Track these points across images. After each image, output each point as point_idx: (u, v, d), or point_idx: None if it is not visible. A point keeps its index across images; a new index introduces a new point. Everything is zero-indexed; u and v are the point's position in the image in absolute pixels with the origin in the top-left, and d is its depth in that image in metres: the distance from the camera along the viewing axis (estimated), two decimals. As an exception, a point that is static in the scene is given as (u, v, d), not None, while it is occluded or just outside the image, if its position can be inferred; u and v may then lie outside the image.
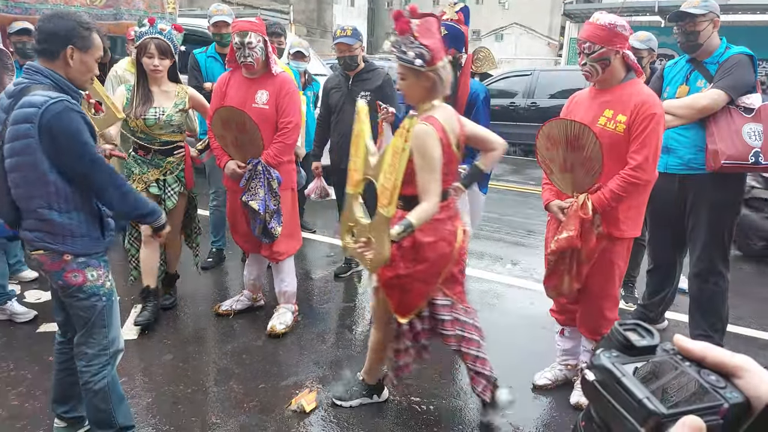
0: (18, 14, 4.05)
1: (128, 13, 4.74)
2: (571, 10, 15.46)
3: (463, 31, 3.02)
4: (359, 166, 1.96)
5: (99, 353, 2.09)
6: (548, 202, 2.56)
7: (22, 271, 3.87)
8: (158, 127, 3.14)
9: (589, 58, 2.35)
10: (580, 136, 2.26)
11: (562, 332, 2.81)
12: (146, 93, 3.14)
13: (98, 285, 2.04)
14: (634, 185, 2.32)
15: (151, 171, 3.22)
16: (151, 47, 3.04)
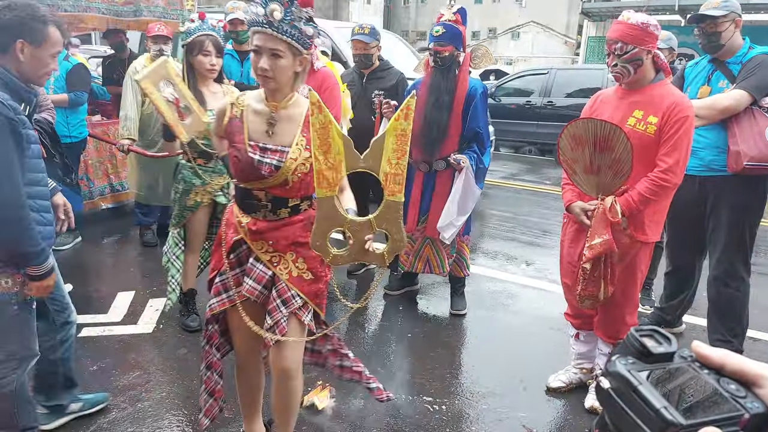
0: (40, 10, 4.09)
1: (147, 10, 4.77)
2: (590, 8, 15.34)
3: (461, 31, 3.11)
4: (336, 161, 1.67)
5: (7, 358, 2.00)
6: (570, 203, 2.51)
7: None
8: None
9: (620, 59, 2.30)
10: (610, 137, 2.21)
11: (577, 336, 2.78)
12: (199, 95, 2.91)
13: (12, 293, 1.93)
14: (663, 188, 2.28)
15: (215, 179, 3.02)
16: (207, 45, 2.84)
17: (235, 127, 1.87)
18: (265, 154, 1.84)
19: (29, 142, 1.85)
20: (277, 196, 1.89)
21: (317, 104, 1.61)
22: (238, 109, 1.89)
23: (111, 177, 5.12)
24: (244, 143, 1.84)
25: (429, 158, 3.23)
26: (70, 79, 4.20)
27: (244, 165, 1.82)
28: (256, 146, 1.84)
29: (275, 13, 1.66)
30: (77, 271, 4.05)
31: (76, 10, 4.32)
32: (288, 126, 1.87)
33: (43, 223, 1.99)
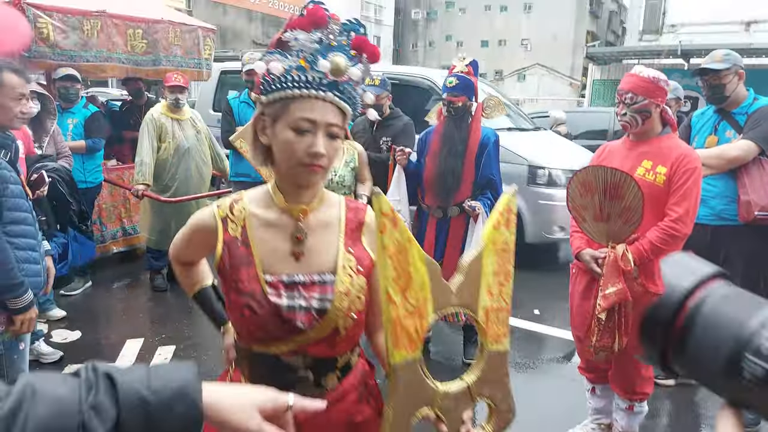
0: (64, 61, 4.25)
1: (166, 59, 4.94)
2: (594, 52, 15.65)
3: (474, 82, 3.19)
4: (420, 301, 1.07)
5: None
6: (579, 251, 2.50)
7: (51, 310, 3.93)
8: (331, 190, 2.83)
9: (630, 109, 2.35)
10: (620, 184, 2.22)
11: (593, 390, 2.70)
12: None
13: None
14: (674, 237, 2.28)
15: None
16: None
17: (237, 257, 1.16)
18: (296, 293, 1.15)
19: (6, 182, 1.92)
20: (320, 357, 1.19)
21: (390, 215, 1.03)
22: (236, 226, 1.18)
23: (124, 221, 5.18)
24: (259, 281, 1.15)
25: (444, 204, 3.26)
26: (89, 127, 4.30)
27: (263, 318, 1.13)
28: (279, 282, 1.15)
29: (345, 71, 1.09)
30: (87, 316, 4.05)
31: (98, 60, 4.48)
32: (323, 239, 1.20)
33: (29, 260, 2.04)
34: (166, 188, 4.35)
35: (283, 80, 1.09)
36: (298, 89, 1.09)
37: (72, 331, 3.77)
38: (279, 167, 1.17)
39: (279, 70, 1.08)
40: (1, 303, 1.93)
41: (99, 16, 4.45)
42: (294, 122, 1.09)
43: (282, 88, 1.10)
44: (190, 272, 1.42)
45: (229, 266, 1.17)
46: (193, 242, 1.30)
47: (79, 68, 4.32)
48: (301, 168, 1.11)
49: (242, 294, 1.15)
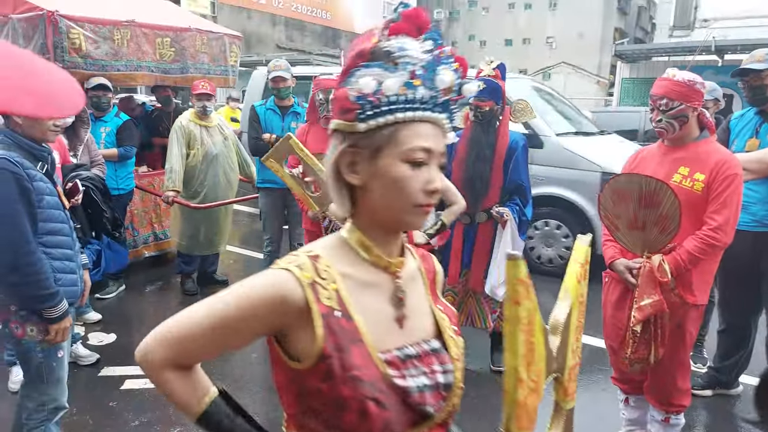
0: (96, 71, 4.35)
1: (194, 67, 5.01)
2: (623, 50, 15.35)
3: (501, 86, 3.15)
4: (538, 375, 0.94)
5: (37, 408, 2.09)
6: (613, 260, 2.43)
7: (87, 313, 4.02)
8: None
9: (665, 115, 2.26)
10: (656, 192, 2.15)
11: (627, 401, 2.64)
12: None
13: (36, 341, 2.02)
14: (712, 246, 2.20)
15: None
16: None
17: (342, 336, 0.86)
18: (413, 370, 0.91)
19: (42, 194, 1.96)
20: None
21: (527, 282, 0.86)
22: (328, 293, 0.88)
23: (155, 226, 5.27)
24: (375, 363, 0.87)
25: (472, 210, 3.22)
26: (120, 135, 4.39)
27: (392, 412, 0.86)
28: (396, 360, 0.90)
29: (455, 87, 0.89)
30: (121, 319, 4.13)
31: (128, 69, 4.57)
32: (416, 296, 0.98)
33: (65, 270, 2.09)
34: (196, 194, 4.42)
35: (391, 101, 0.85)
36: (412, 111, 0.86)
37: (107, 333, 3.86)
38: (374, 211, 0.90)
39: (393, 89, 0.84)
40: (38, 312, 1.98)
41: (128, 25, 4.54)
42: (407, 153, 0.86)
43: (391, 110, 0.85)
44: (191, 379, 0.94)
45: (335, 349, 0.85)
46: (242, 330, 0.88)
47: (111, 77, 4.42)
48: (414, 210, 0.88)
49: (363, 385, 0.84)
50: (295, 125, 4.22)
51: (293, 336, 0.88)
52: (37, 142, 2.02)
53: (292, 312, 0.86)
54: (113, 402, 3.02)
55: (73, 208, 3.05)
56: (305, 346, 0.86)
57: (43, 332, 2.01)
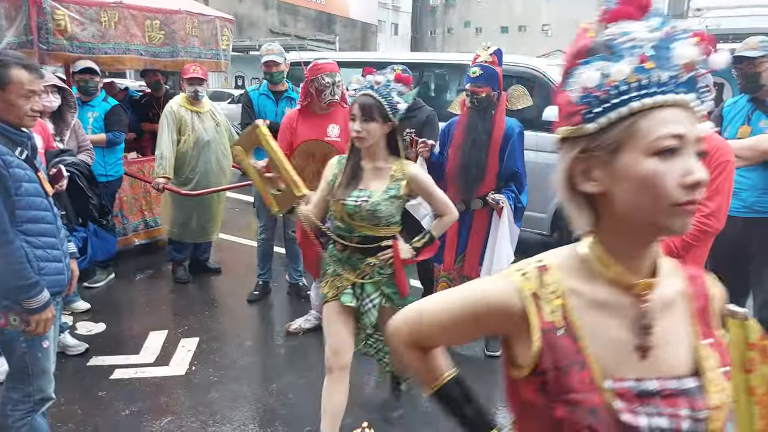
0: (82, 53, 4.23)
1: (184, 51, 4.90)
2: (618, 37, 15.31)
3: (498, 72, 3.10)
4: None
5: (23, 399, 2.05)
6: None
7: (75, 302, 3.95)
8: (359, 217, 2.27)
9: None
10: None
11: None
12: (355, 169, 2.32)
13: (19, 330, 1.97)
14: (704, 233, 2.21)
15: (346, 273, 2.37)
16: (354, 107, 2.26)
17: (562, 355, 0.81)
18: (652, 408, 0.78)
19: (20, 181, 1.89)
20: None
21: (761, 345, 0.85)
22: (553, 307, 0.82)
23: (145, 213, 5.19)
24: (600, 391, 0.78)
25: (467, 197, 3.18)
26: (108, 120, 4.29)
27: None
28: (629, 393, 0.79)
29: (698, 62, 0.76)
30: (110, 308, 4.07)
31: (116, 52, 4.46)
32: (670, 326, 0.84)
33: (48, 259, 2.02)
34: (187, 181, 4.34)
35: (621, 90, 0.75)
36: (649, 97, 0.74)
37: (96, 323, 3.80)
38: (621, 220, 0.79)
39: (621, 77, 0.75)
40: (11, 299, 1.92)
41: (116, 7, 4.42)
42: (654, 144, 0.74)
43: (623, 102, 0.75)
44: (429, 359, 1.02)
45: (552, 367, 0.80)
46: (472, 326, 0.90)
47: (98, 60, 4.31)
48: (673, 211, 0.75)
49: (579, 410, 0.77)
50: (288, 110, 4.14)
51: (514, 343, 0.86)
52: (15, 127, 1.94)
53: (511, 321, 0.84)
54: (102, 392, 2.98)
55: (57, 195, 2.97)
56: (523, 357, 0.83)
57: (26, 322, 1.96)
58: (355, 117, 2.23)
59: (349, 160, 2.34)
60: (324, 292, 2.43)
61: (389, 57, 5.89)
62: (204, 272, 4.75)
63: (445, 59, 6.28)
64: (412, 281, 4.24)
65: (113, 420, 2.73)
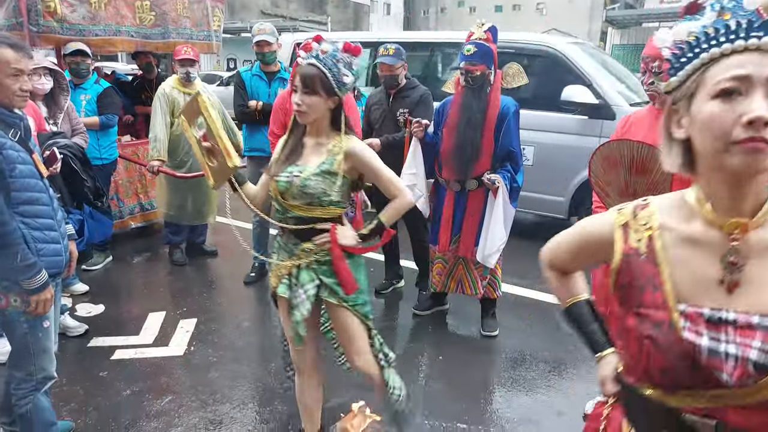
0: (72, 35, 4.19)
1: (176, 32, 4.85)
2: (614, 16, 15.18)
3: (493, 49, 3.06)
4: None
5: (25, 378, 2.08)
6: None
7: (74, 285, 3.97)
8: (291, 195, 2.04)
9: (657, 77, 2.24)
10: (647, 158, 2.14)
11: None
12: (295, 144, 2.10)
13: (20, 311, 1.99)
14: None
15: (284, 260, 2.13)
16: (295, 78, 2.02)
17: (639, 276, 0.95)
18: (723, 335, 0.87)
19: (14, 163, 1.89)
20: (741, 428, 0.89)
21: None
22: (639, 236, 0.98)
23: (140, 196, 5.18)
24: (669, 310, 0.91)
25: (462, 177, 3.19)
26: (101, 102, 4.27)
27: (669, 358, 0.90)
28: (698, 316, 0.89)
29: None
30: (109, 291, 4.10)
31: (107, 34, 4.42)
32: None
33: (46, 240, 2.03)
34: (182, 164, 4.33)
35: (693, 45, 0.87)
36: (718, 45, 0.84)
37: (95, 305, 3.83)
38: (702, 163, 0.89)
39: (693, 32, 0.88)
40: (18, 283, 1.94)
41: (106, -13, 4.36)
42: (714, 87, 0.83)
43: (696, 54, 0.87)
44: (564, 281, 1.25)
45: (627, 284, 0.97)
46: (580, 252, 1.15)
47: (89, 43, 4.26)
48: (732, 149, 0.81)
49: (645, 323, 0.92)
50: (281, 91, 4.12)
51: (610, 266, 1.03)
52: (7, 108, 1.93)
53: (603, 248, 1.04)
54: (103, 372, 3.01)
55: (51, 178, 2.97)
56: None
57: (26, 303, 1.97)
58: (296, 88, 1.99)
59: (290, 135, 2.13)
60: (270, 281, 2.21)
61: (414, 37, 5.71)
62: (201, 255, 4.76)
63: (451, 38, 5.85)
64: (408, 263, 4.31)
65: (114, 400, 2.77)
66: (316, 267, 2.07)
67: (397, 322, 3.78)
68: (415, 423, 2.56)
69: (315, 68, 1.97)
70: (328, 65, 1.98)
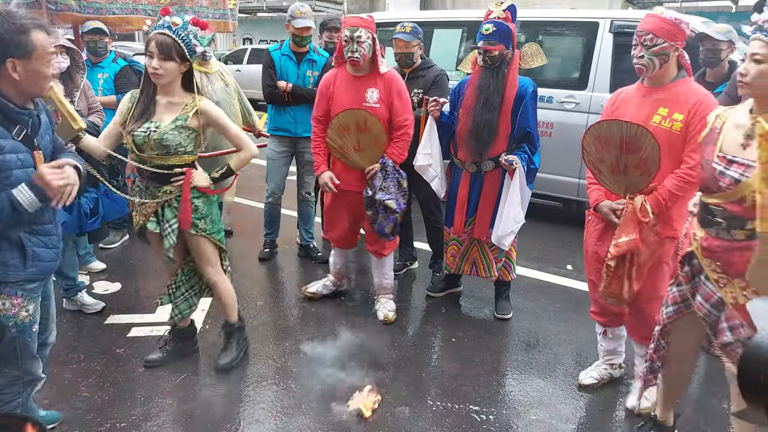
0: (90, 14, 4.20)
1: (192, 11, 4.82)
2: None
3: (511, 29, 3.02)
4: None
5: (11, 383, 2.00)
6: (597, 203, 2.54)
7: (91, 263, 4.03)
8: (149, 147, 2.47)
9: (648, 51, 2.31)
10: (636, 137, 2.23)
11: (605, 333, 2.79)
12: (147, 103, 2.49)
13: (9, 315, 1.90)
14: (690, 184, 2.27)
15: (149, 202, 2.60)
16: (150, 45, 2.38)
17: (710, 138, 1.87)
18: (729, 167, 1.76)
19: (11, 169, 1.75)
20: (734, 214, 1.77)
21: (766, 136, 1.52)
22: (719, 122, 1.87)
23: (157, 175, 5.20)
24: (716, 153, 1.81)
25: (478, 158, 3.15)
26: (118, 81, 4.27)
27: (707, 175, 1.83)
28: (724, 158, 1.79)
29: None
30: (125, 269, 4.15)
31: (124, 12, 4.42)
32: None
33: (43, 245, 1.95)
34: (199, 142, 4.34)
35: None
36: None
37: (112, 282, 3.88)
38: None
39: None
40: (18, 283, 1.88)
41: (123, -35, 4.34)
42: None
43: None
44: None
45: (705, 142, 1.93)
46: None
47: (106, 21, 4.26)
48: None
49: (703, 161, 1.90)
50: (310, 73, 4.07)
51: None
52: (16, 103, 1.79)
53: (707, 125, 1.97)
54: (120, 349, 3.06)
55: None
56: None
57: (17, 306, 1.90)
58: (152, 54, 2.36)
59: (142, 94, 2.50)
60: (135, 219, 2.68)
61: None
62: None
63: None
64: (421, 244, 4.30)
65: (131, 376, 2.81)
66: (176, 205, 2.57)
67: (411, 304, 3.78)
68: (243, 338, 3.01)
69: (169, 38, 2.37)
70: (180, 36, 2.38)
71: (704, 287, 1.94)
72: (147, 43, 2.42)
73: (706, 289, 1.93)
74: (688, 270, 2.02)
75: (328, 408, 2.61)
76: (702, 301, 1.95)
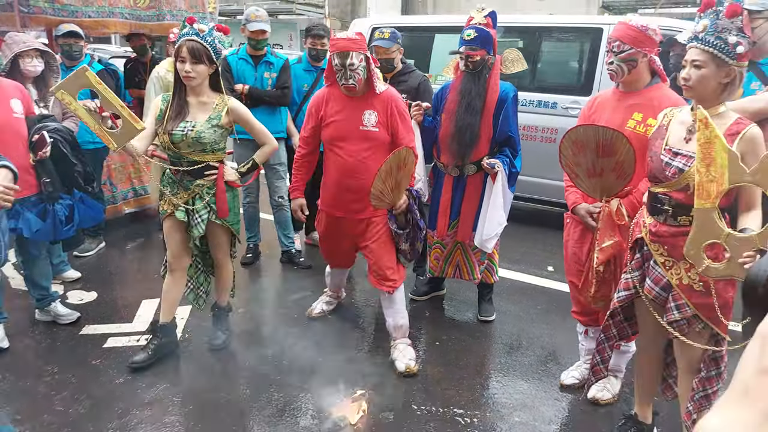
0: (65, 17, 4.10)
1: (170, 14, 4.77)
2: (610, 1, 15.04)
3: (493, 34, 3.03)
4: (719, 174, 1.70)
5: None
6: (575, 205, 2.58)
7: (66, 271, 3.93)
8: (186, 145, 2.69)
9: (616, 57, 2.37)
10: (612, 142, 2.27)
11: (586, 332, 2.82)
12: (181, 104, 2.71)
13: None
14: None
15: (180, 193, 2.80)
16: (182, 50, 2.59)
17: (660, 134, 2.05)
18: (674, 159, 1.96)
19: None
20: (679, 202, 1.96)
21: (704, 121, 1.70)
22: (665, 119, 2.07)
23: (134, 181, 5.12)
24: (661, 148, 2.01)
25: (461, 162, 3.15)
26: (93, 85, 4.18)
27: (655, 166, 2.01)
28: (670, 150, 1.98)
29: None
30: (101, 277, 4.06)
31: (100, 16, 4.33)
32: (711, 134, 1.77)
33: None
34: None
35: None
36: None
37: (88, 292, 3.79)
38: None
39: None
40: None
41: (98, -33, 4.26)
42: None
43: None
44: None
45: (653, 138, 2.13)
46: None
47: (81, 24, 4.17)
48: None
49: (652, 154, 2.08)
50: (267, 75, 4.06)
51: None
52: None
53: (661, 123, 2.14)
54: (96, 360, 2.98)
55: (41, 162, 2.91)
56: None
57: None
58: (185, 59, 2.58)
59: (175, 97, 2.71)
60: (163, 208, 2.87)
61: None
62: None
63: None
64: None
65: (108, 388, 2.74)
66: (208, 197, 2.78)
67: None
68: (227, 320, 3.24)
69: (198, 43, 2.58)
70: (208, 41, 2.61)
71: (653, 271, 2.10)
72: (178, 49, 2.61)
73: (656, 273, 2.09)
74: (639, 257, 2.16)
75: (312, 416, 2.58)
76: (651, 284, 2.11)
